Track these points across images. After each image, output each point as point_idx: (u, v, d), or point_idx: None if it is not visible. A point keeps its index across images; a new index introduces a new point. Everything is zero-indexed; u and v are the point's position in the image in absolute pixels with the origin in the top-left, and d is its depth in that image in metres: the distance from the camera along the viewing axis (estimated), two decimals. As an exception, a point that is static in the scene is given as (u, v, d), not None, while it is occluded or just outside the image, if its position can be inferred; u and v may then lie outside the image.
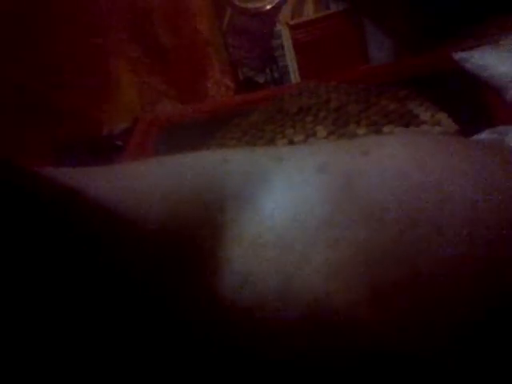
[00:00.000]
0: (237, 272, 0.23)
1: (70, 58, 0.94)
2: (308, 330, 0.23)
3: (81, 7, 0.95)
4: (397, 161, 0.26)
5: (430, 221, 0.24)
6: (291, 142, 0.71)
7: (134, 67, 1.00)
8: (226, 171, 0.26)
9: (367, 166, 0.26)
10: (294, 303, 0.23)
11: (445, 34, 0.82)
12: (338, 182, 0.25)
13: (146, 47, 1.01)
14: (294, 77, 1.12)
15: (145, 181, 0.26)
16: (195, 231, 0.24)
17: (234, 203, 0.25)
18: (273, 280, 0.23)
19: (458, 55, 0.74)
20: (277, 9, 1.15)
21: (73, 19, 0.94)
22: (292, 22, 1.11)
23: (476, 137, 0.58)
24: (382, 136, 0.56)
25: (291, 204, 0.25)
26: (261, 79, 1.15)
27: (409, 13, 0.89)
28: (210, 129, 0.78)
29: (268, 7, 1.16)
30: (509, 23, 0.78)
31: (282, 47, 1.13)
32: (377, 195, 0.24)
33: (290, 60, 1.12)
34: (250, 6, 1.15)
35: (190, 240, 0.24)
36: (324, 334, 0.23)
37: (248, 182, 0.26)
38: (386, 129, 0.67)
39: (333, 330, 0.23)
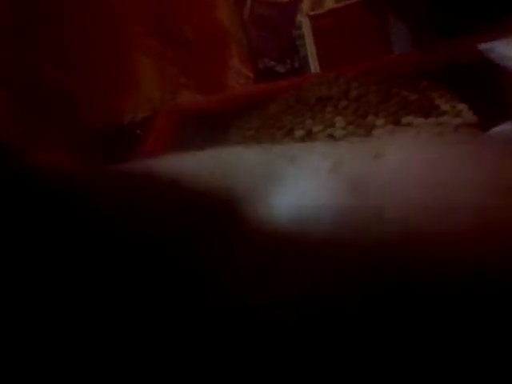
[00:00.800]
0: (251, 275, 0.24)
1: (91, 47, 0.95)
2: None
3: (102, 1, 0.96)
4: (409, 164, 0.26)
5: (435, 225, 0.24)
6: (309, 133, 0.71)
7: (155, 57, 1.00)
8: (239, 170, 0.27)
9: (379, 168, 0.26)
10: (311, 304, 0.23)
11: (467, 25, 0.80)
12: (349, 183, 0.26)
13: (167, 37, 1.01)
14: (314, 67, 1.12)
15: (163, 177, 0.27)
16: (207, 231, 0.25)
17: (245, 206, 0.26)
18: (288, 284, 0.24)
19: (483, 45, 0.73)
20: (297, -1, 1.14)
21: (95, 10, 0.95)
22: (312, 13, 1.11)
23: (497, 129, 0.57)
24: (396, 137, 0.56)
25: (302, 205, 0.25)
26: (281, 69, 1.15)
27: (431, 3, 0.88)
28: (229, 119, 0.78)
29: (288, -3, 1.15)
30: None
31: (303, 37, 1.12)
32: (386, 198, 0.25)
33: (310, 50, 1.11)
34: (270, -5, 1.14)
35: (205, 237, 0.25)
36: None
37: (260, 183, 0.27)
38: (404, 120, 0.66)
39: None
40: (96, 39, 0.96)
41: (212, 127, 0.79)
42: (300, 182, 0.26)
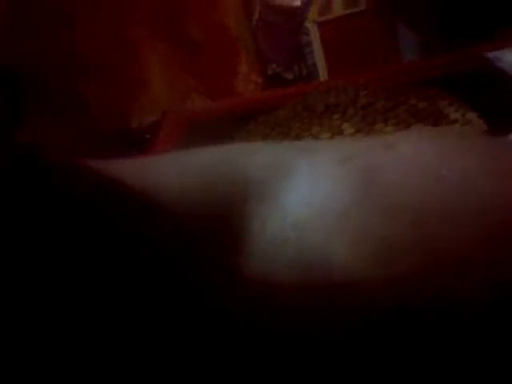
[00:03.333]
0: (259, 262, 0.24)
1: (102, 52, 0.96)
2: (328, 317, 0.23)
3: (112, 5, 0.96)
4: (419, 156, 0.26)
5: (448, 216, 0.24)
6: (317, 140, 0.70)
7: (165, 62, 1.01)
8: (250, 164, 0.27)
9: (389, 160, 0.26)
10: (316, 293, 0.23)
11: (475, 34, 0.80)
12: (359, 175, 0.25)
13: (176, 42, 1.02)
14: (322, 74, 1.12)
15: (172, 172, 0.27)
16: (222, 220, 0.25)
17: (256, 197, 0.25)
18: (294, 271, 0.24)
19: (492, 54, 0.73)
20: (306, 5, 1.14)
21: (106, 14, 0.96)
22: (320, 19, 1.11)
23: (507, 137, 0.57)
24: (405, 132, 0.55)
25: (313, 198, 0.25)
26: (289, 76, 1.15)
27: (439, 12, 0.88)
28: (237, 124, 0.78)
29: (297, 4, 1.15)
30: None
31: (311, 44, 1.12)
32: (397, 189, 0.25)
33: (319, 57, 1.12)
34: (279, 2, 1.15)
35: (218, 227, 0.25)
36: (345, 319, 0.23)
37: (271, 175, 0.26)
38: (414, 128, 0.66)
39: (353, 316, 0.23)
40: (105, 42, 0.97)
41: (220, 132, 0.79)
42: (311, 173, 0.26)
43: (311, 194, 0.25)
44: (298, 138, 0.72)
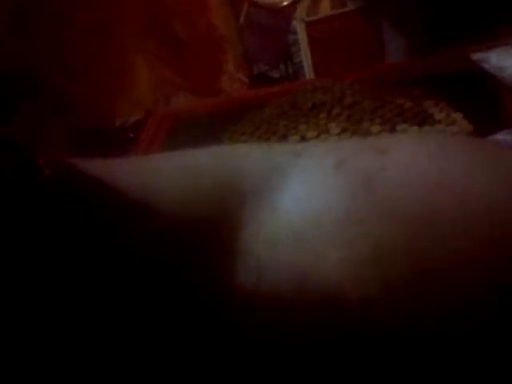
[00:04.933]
0: (252, 268, 0.24)
1: (85, 50, 0.95)
2: (321, 323, 0.23)
3: (97, 2, 0.96)
4: (416, 160, 0.26)
5: (447, 221, 0.23)
6: (304, 138, 0.70)
7: (149, 60, 1.00)
8: (244, 167, 0.27)
9: (386, 164, 0.26)
10: (309, 298, 0.23)
11: (461, 34, 0.81)
12: (357, 179, 0.25)
13: (162, 41, 1.01)
14: (309, 73, 1.12)
15: (165, 175, 0.27)
16: (216, 224, 0.25)
17: (251, 200, 0.25)
18: (288, 277, 0.24)
19: (476, 55, 0.74)
20: (293, 5, 1.14)
21: (89, 12, 0.95)
22: (308, 19, 1.11)
23: (492, 138, 0.57)
24: (399, 134, 0.55)
25: (308, 202, 0.25)
26: (275, 74, 1.15)
27: (424, 12, 0.89)
28: (223, 123, 0.78)
29: (285, 3, 1.15)
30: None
31: (298, 43, 1.12)
32: (395, 193, 0.24)
33: (305, 56, 1.12)
34: (266, 1, 1.15)
35: (212, 231, 0.25)
36: (336, 327, 0.23)
37: (266, 178, 0.26)
38: (399, 127, 0.66)
39: (345, 324, 0.23)
40: (90, 41, 0.96)
41: (206, 131, 0.79)
42: (306, 177, 0.26)
43: (306, 197, 0.25)
44: (284, 136, 0.72)
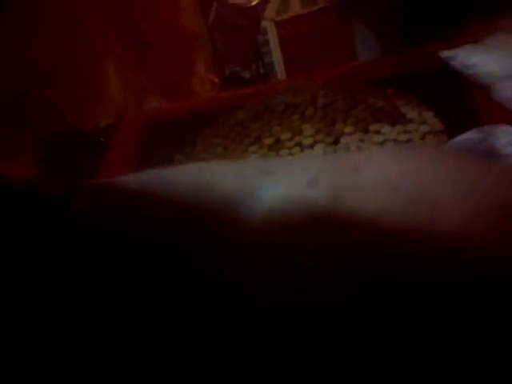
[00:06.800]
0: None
1: (53, 54, 0.93)
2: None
3: (63, 3, 0.93)
4: (387, 175, 0.26)
5: (420, 233, 0.24)
6: (278, 140, 0.70)
7: (119, 63, 0.98)
8: (214, 186, 0.27)
9: (357, 180, 0.26)
10: None
11: (430, 33, 0.82)
12: (327, 196, 0.26)
13: (131, 43, 0.99)
14: (280, 73, 1.12)
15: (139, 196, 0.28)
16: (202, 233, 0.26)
17: (231, 216, 0.26)
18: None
19: (444, 53, 0.75)
20: (263, 4, 1.14)
21: (55, 15, 0.93)
22: (278, 18, 1.11)
23: (462, 136, 0.58)
24: (372, 150, 0.57)
25: (279, 219, 0.25)
26: (246, 75, 1.15)
27: (395, 11, 0.89)
28: (196, 126, 0.77)
29: (254, 2, 1.15)
30: (492, 22, 0.79)
31: (268, 43, 1.12)
32: (365, 208, 0.25)
33: (276, 56, 1.11)
34: (236, 1, 1.14)
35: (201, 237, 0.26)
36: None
37: (235, 196, 0.27)
38: (372, 127, 0.67)
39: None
40: (58, 43, 0.94)
41: (178, 134, 0.78)
42: (278, 195, 0.26)
43: (277, 214, 0.26)
44: (258, 138, 0.72)
